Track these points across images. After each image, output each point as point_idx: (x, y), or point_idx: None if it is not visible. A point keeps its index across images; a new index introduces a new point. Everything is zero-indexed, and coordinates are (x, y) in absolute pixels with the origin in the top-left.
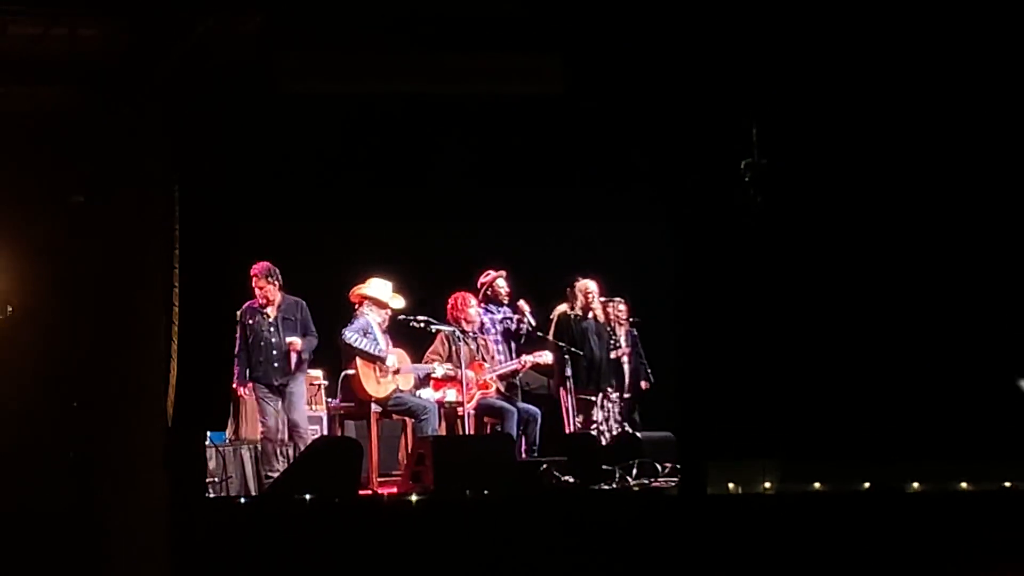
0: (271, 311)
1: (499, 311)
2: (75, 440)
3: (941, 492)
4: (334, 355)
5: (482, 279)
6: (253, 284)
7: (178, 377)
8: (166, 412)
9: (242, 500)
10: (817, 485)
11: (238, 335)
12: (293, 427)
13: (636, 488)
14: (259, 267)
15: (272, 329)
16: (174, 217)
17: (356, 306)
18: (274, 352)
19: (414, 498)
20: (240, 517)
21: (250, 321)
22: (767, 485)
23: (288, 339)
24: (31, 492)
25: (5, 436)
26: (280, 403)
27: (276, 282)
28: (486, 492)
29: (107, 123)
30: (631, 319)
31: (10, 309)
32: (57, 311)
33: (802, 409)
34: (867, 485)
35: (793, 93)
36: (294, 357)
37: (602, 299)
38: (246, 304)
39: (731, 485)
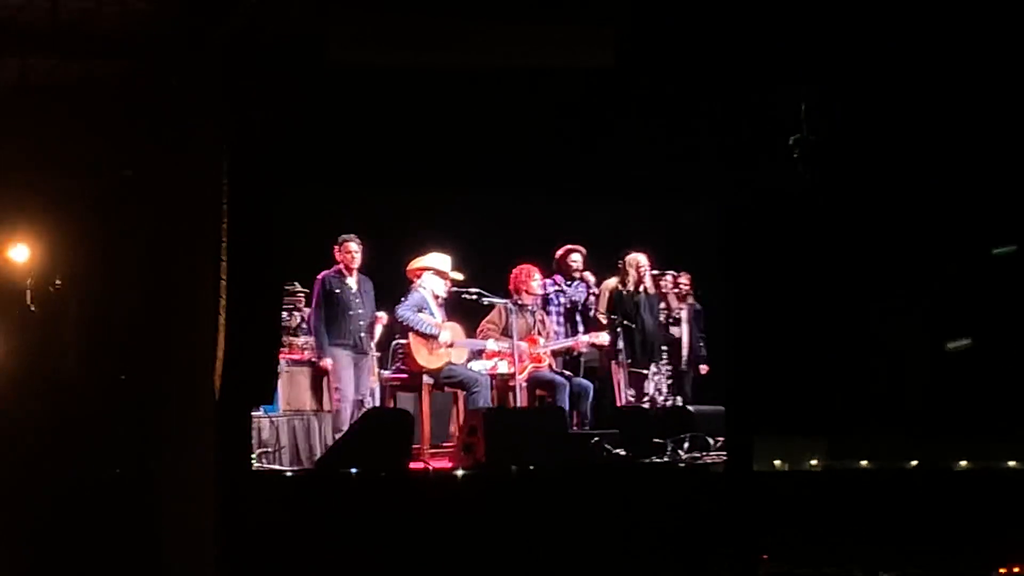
0: (352, 282)
1: (570, 285)
2: (123, 413)
3: (989, 471)
4: (386, 328)
5: (559, 252)
6: (343, 249)
7: (225, 351)
8: (214, 385)
9: (288, 473)
10: (864, 463)
11: (317, 304)
12: (358, 396)
13: (682, 464)
14: (348, 234)
15: (358, 300)
16: (223, 190)
17: (411, 281)
18: (362, 323)
19: (460, 473)
20: (287, 490)
21: (337, 291)
22: (814, 462)
23: (376, 313)
24: (80, 465)
25: (53, 409)
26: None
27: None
28: (532, 468)
29: (158, 96)
30: (695, 294)
31: (58, 282)
32: (106, 284)
33: (850, 386)
34: (914, 463)
35: (843, 69)
36: (378, 329)
37: (654, 272)
38: (323, 274)
39: (777, 462)
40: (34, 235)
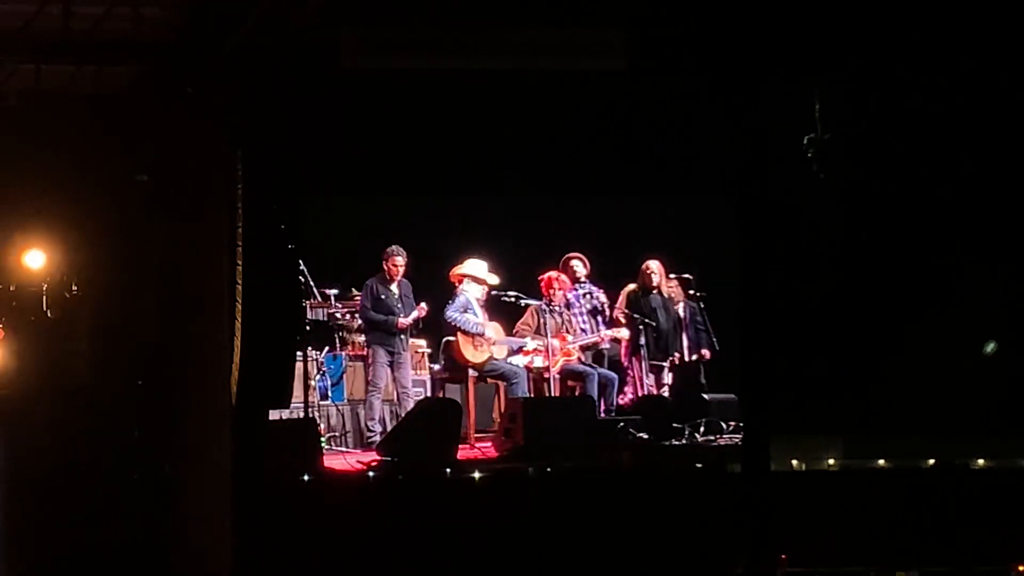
0: (395, 288)
1: (585, 288)
2: (140, 418)
3: (1005, 469)
4: (436, 326)
5: (563, 260)
6: (390, 261)
7: (241, 355)
8: (230, 390)
9: (304, 478)
10: (881, 462)
11: (364, 306)
12: (402, 388)
13: (699, 466)
14: (394, 247)
15: (400, 306)
16: (237, 195)
17: (455, 285)
18: None
19: (477, 475)
20: (301, 494)
21: (383, 296)
22: (831, 462)
23: (412, 314)
24: (97, 470)
25: (71, 414)
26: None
27: None
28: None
29: (171, 102)
30: (691, 292)
31: (74, 288)
32: (122, 290)
33: (866, 385)
34: (932, 462)
35: (856, 69)
36: (413, 312)
37: (670, 276)
38: (371, 280)
39: (794, 462)
40: (50, 241)
